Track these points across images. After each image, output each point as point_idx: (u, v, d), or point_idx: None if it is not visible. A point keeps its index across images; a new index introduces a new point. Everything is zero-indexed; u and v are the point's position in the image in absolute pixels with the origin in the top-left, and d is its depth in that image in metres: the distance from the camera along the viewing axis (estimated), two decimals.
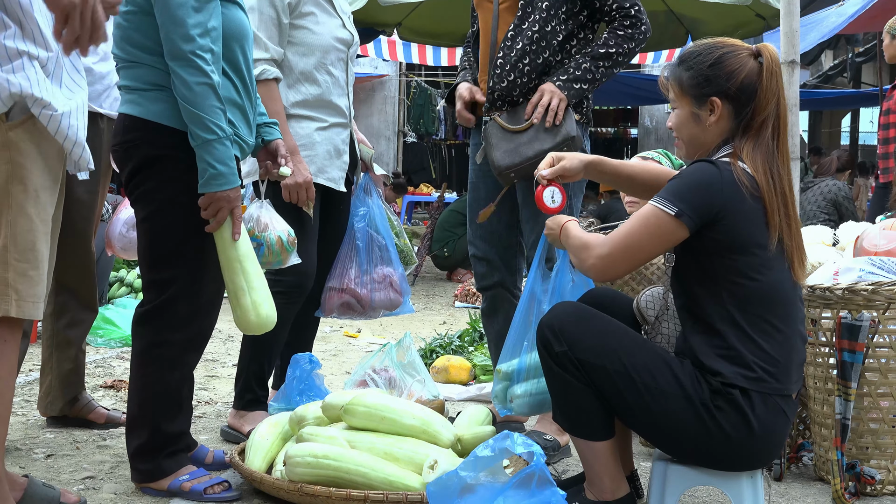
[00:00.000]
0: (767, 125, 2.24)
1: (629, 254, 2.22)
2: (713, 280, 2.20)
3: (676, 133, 2.36)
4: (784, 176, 2.24)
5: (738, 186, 2.17)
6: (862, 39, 12.73)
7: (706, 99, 2.26)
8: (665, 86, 2.37)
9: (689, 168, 2.24)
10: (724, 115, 2.26)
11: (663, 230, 2.18)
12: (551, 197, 2.53)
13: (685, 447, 2.23)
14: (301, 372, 3.20)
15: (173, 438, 2.63)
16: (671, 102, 2.37)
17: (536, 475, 2.08)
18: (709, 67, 2.26)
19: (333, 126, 3.22)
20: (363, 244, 3.32)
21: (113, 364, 4.50)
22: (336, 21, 3.23)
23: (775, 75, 2.25)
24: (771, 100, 2.24)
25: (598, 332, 2.23)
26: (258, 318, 2.56)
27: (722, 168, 2.20)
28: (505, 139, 3.07)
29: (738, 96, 2.24)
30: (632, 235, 2.21)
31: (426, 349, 4.62)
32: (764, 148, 2.23)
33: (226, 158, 2.45)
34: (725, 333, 2.18)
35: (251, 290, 2.54)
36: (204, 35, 2.42)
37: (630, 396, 2.19)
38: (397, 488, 2.44)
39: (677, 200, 2.17)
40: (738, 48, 2.28)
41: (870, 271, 2.91)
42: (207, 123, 2.42)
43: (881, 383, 2.76)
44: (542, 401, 2.54)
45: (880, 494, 2.77)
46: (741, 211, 2.17)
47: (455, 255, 8.53)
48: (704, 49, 2.30)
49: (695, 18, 8.35)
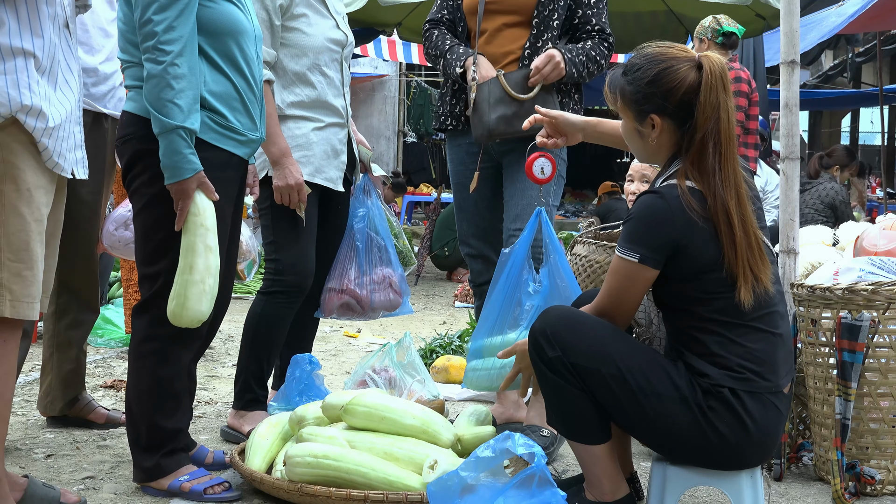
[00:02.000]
0: (708, 142, 2.18)
1: (619, 309, 2.27)
2: (687, 300, 2.22)
3: (627, 142, 2.38)
4: (728, 196, 2.16)
5: (688, 213, 2.14)
6: (862, 39, 12.73)
7: (646, 116, 2.25)
8: (608, 96, 2.34)
9: (638, 207, 2.21)
10: (666, 131, 2.24)
11: (635, 277, 2.21)
12: (541, 168, 2.56)
13: (682, 448, 2.23)
14: (301, 373, 3.21)
15: (171, 435, 2.63)
16: (615, 110, 2.35)
17: (537, 476, 2.09)
18: (647, 85, 2.22)
19: (330, 126, 3.22)
20: (363, 245, 3.32)
21: (113, 364, 4.50)
22: (329, 22, 3.23)
23: (715, 89, 2.17)
24: (711, 115, 2.17)
25: (592, 336, 2.23)
26: (178, 308, 2.46)
27: (669, 198, 2.16)
28: (504, 103, 3.09)
29: (677, 113, 2.21)
30: (612, 292, 2.26)
31: (426, 349, 4.62)
32: (706, 166, 2.17)
33: (171, 151, 2.44)
34: (706, 341, 2.19)
35: (187, 283, 2.45)
36: (168, 30, 2.42)
37: (625, 400, 2.19)
38: (397, 488, 2.44)
39: (636, 246, 2.17)
40: (678, 62, 2.20)
41: (870, 271, 2.91)
42: (158, 115, 2.43)
43: (881, 383, 2.76)
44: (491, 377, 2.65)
45: (880, 494, 2.77)
46: (697, 236, 2.15)
47: (455, 254, 8.53)
48: (644, 63, 2.24)
49: (695, 18, 8.30)
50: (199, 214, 2.47)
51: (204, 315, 2.49)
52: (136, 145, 2.55)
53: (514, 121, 3.07)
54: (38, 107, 2.17)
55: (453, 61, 3.24)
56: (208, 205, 2.50)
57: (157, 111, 2.43)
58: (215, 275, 2.49)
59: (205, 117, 2.55)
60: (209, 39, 2.55)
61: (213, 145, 2.58)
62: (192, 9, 2.48)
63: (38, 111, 2.17)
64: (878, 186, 12.23)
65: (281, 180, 3.05)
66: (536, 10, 3.18)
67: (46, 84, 2.21)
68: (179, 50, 2.43)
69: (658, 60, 2.22)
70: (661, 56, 2.23)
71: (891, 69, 16.20)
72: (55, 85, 2.24)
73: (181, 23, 2.44)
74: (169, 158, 2.44)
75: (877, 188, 12.35)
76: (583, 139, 2.62)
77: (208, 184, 2.50)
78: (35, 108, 2.16)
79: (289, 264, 3.15)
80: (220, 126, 2.60)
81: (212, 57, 2.57)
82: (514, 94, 3.07)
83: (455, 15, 3.32)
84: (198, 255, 2.45)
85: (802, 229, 3.95)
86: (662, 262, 2.18)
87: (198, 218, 2.47)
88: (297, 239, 3.15)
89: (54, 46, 2.23)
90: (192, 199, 2.46)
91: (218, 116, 2.59)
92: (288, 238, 3.14)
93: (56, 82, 2.25)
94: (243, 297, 6.90)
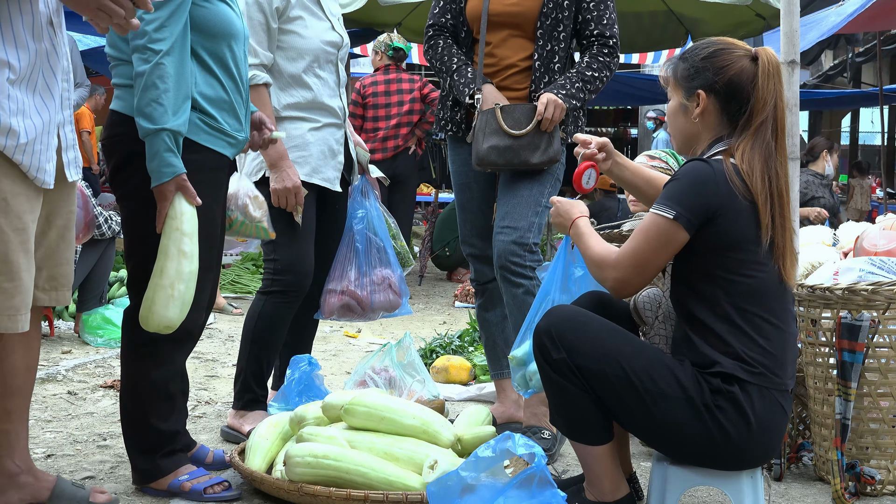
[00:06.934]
0: (767, 126, 2.25)
1: (640, 269, 2.25)
2: (708, 278, 2.22)
3: (669, 124, 2.41)
4: (782, 177, 2.25)
5: (731, 185, 2.19)
6: (862, 39, 12.73)
7: (693, 91, 2.30)
8: (664, 78, 2.41)
9: (684, 168, 2.26)
10: (710, 110, 2.30)
11: (665, 237, 2.20)
12: (588, 178, 2.58)
13: (685, 449, 2.23)
14: (301, 374, 3.20)
15: (168, 437, 2.63)
16: (668, 93, 2.40)
17: (537, 476, 2.09)
18: (701, 60, 2.30)
19: (327, 126, 3.23)
20: (362, 246, 3.32)
21: (113, 364, 4.50)
22: (325, 24, 3.23)
23: (772, 77, 2.26)
24: (769, 101, 2.25)
25: (597, 336, 2.23)
26: (145, 312, 2.42)
27: (715, 166, 2.23)
28: (497, 135, 3.11)
29: (725, 92, 2.27)
30: (638, 251, 2.24)
31: (426, 349, 4.62)
32: (764, 149, 2.24)
33: (152, 153, 2.41)
34: (721, 330, 2.19)
35: (155, 287, 2.41)
36: (159, 29, 2.41)
37: (630, 401, 2.19)
38: (397, 488, 2.44)
39: (674, 204, 2.19)
40: (735, 47, 2.31)
41: (870, 271, 2.91)
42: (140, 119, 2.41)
43: (881, 383, 2.76)
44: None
45: (880, 494, 2.77)
46: (735, 209, 2.19)
47: (456, 254, 8.52)
48: (703, 44, 2.34)
49: (695, 18, 8.34)
50: (176, 218, 2.42)
51: (172, 321, 2.41)
52: (126, 146, 2.51)
53: (506, 153, 3.10)
54: (7, 125, 2.09)
55: (461, 86, 3.23)
56: (188, 209, 2.44)
57: (142, 111, 2.40)
58: (188, 281, 2.41)
59: (196, 119, 2.53)
60: (201, 40, 2.54)
61: (205, 147, 2.57)
62: (185, 9, 2.47)
63: (8, 129, 2.09)
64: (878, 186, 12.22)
65: (278, 183, 3.05)
66: (539, 21, 3.19)
67: (24, 94, 2.14)
68: (168, 49, 2.41)
69: (717, 43, 2.33)
70: (720, 41, 2.35)
71: (891, 69, 16.20)
72: (34, 91, 2.17)
73: (173, 22, 2.43)
74: (150, 161, 2.42)
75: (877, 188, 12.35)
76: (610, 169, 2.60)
77: (189, 188, 2.44)
78: (3, 126, 2.09)
79: (288, 264, 3.15)
80: (211, 128, 2.58)
81: (203, 58, 2.56)
82: (505, 128, 3.09)
83: (458, 20, 3.32)
84: (169, 259, 2.40)
85: (802, 229, 3.95)
86: (695, 227, 2.19)
87: (174, 222, 2.42)
88: (295, 239, 3.15)
89: (34, 52, 2.16)
90: (171, 203, 2.42)
91: (208, 118, 2.57)
92: (286, 238, 3.14)
93: (35, 88, 2.18)
94: (243, 297, 6.90)
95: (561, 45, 3.22)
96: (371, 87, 7.25)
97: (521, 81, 3.24)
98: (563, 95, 3.12)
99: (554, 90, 3.13)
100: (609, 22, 3.24)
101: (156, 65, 2.40)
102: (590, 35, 3.24)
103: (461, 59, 3.30)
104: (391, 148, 7.19)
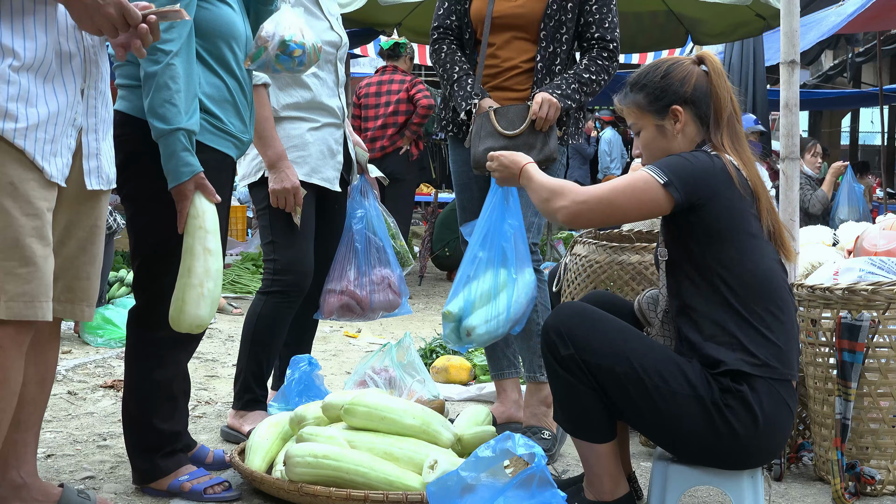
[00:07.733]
0: (733, 118, 2.34)
1: (605, 207, 2.26)
2: (707, 270, 2.23)
3: (647, 155, 2.40)
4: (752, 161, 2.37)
5: (728, 175, 2.24)
6: (862, 39, 12.73)
7: (667, 109, 2.34)
8: (622, 112, 2.44)
9: (692, 152, 2.30)
10: (689, 121, 2.34)
11: (648, 195, 2.22)
12: None
13: (692, 447, 2.23)
14: (301, 374, 3.20)
15: (169, 437, 2.63)
16: (633, 127, 2.43)
17: (537, 476, 2.08)
18: (661, 80, 2.35)
19: (326, 126, 3.23)
20: (361, 246, 3.32)
21: (113, 364, 4.50)
22: (323, 24, 3.23)
23: (721, 74, 2.37)
24: (726, 96, 2.34)
25: (606, 333, 2.23)
26: (176, 313, 2.41)
27: (714, 158, 2.28)
28: (492, 137, 3.11)
29: (694, 100, 2.33)
30: (615, 191, 2.27)
31: (426, 349, 4.62)
32: (739, 138, 2.33)
33: (168, 154, 2.40)
34: (724, 323, 2.20)
35: (185, 287, 2.39)
36: (168, 30, 2.39)
37: (639, 398, 2.19)
38: (397, 488, 2.44)
39: (670, 172, 2.23)
40: (681, 59, 2.40)
41: (870, 271, 2.92)
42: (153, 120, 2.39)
43: (881, 383, 2.76)
44: (498, 324, 2.61)
45: (880, 494, 2.77)
46: (729, 198, 2.22)
47: (456, 254, 8.52)
48: (649, 69, 2.40)
49: (695, 18, 8.34)
50: (199, 217, 2.42)
51: (203, 320, 2.42)
52: (130, 146, 2.50)
53: None
54: (4, 108, 2.02)
55: (460, 99, 3.24)
56: (209, 207, 2.44)
57: (155, 113, 2.39)
58: (216, 278, 2.42)
59: (201, 119, 2.53)
60: (204, 41, 2.54)
61: (210, 147, 2.57)
62: (191, 10, 2.47)
63: (5, 112, 2.03)
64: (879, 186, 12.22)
65: (277, 183, 3.05)
66: (542, 23, 3.19)
67: (31, 82, 2.07)
68: (177, 50, 2.41)
69: (664, 61, 2.40)
70: (662, 60, 2.42)
71: (891, 69, 16.20)
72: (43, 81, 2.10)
73: (180, 23, 2.43)
74: (167, 162, 2.41)
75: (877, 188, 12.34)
76: None
77: (208, 185, 2.44)
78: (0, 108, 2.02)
79: (287, 263, 3.15)
80: (216, 128, 2.58)
81: (206, 59, 2.56)
82: (499, 129, 3.09)
83: (462, 21, 3.33)
84: (196, 258, 2.40)
85: (802, 229, 3.95)
86: (681, 204, 2.21)
87: (197, 220, 2.42)
88: (295, 238, 3.15)
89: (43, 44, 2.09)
90: (192, 202, 2.42)
91: (213, 118, 2.57)
92: (286, 238, 3.14)
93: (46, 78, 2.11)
94: (243, 296, 6.90)
95: (563, 47, 3.22)
96: (365, 87, 7.38)
97: (522, 83, 3.24)
98: (559, 95, 3.12)
99: (549, 90, 3.13)
100: (611, 25, 3.24)
101: (166, 65, 2.39)
102: (590, 37, 3.24)
103: (463, 67, 3.29)
104: (378, 148, 7.26)
